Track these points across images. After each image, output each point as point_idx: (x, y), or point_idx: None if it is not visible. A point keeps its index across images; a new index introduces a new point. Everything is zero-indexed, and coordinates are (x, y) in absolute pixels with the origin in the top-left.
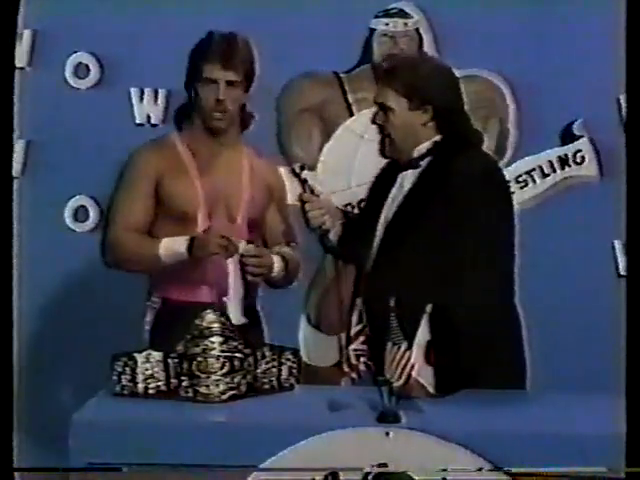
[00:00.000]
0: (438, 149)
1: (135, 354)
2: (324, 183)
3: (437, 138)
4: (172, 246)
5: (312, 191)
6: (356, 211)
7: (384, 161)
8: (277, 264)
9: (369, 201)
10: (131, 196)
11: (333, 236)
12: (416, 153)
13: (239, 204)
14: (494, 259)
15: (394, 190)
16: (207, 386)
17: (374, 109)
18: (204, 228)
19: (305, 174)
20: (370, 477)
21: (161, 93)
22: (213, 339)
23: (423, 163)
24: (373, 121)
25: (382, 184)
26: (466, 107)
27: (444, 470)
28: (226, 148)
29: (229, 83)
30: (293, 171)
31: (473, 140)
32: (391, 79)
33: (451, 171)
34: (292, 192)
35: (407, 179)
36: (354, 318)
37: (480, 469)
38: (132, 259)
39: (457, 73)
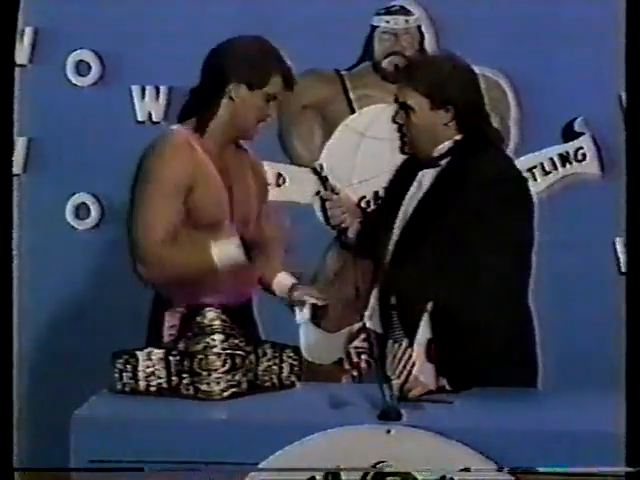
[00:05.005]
0: (458, 148)
1: (136, 351)
2: None
3: (458, 137)
4: (225, 252)
5: (332, 189)
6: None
7: (386, 158)
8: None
9: (387, 198)
10: (165, 205)
11: (351, 233)
12: (436, 152)
13: (251, 207)
14: (509, 260)
15: (412, 188)
16: (208, 384)
17: (376, 106)
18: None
19: (325, 172)
20: (369, 477)
21: (162, 90)
22: (214, 337)
23: (442, 162)
24: (393, 120)
25: (400, 182)
26: None
27: (445, 470)
28: (234, 152)
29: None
30: (314, 170)
31: (493, 139)
32: (412, 78)
33: (469, 172)
34: (309, 190)
35: (426, 178)
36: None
37: (481, 468)
38: (180, 273)
39: None
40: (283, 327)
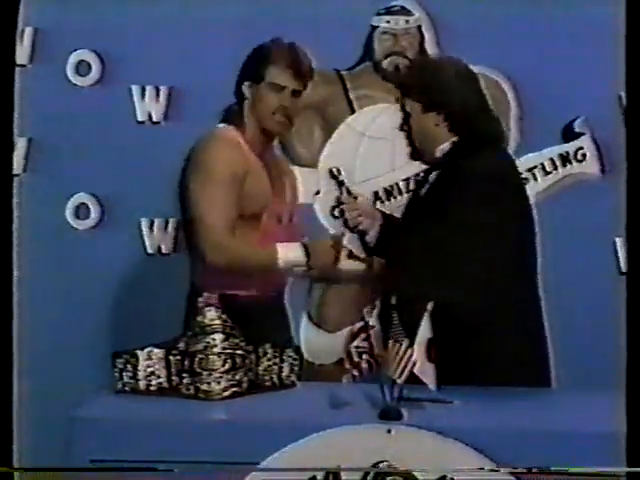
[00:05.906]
0: (455, 149)
1: (137, 351)
2: (326, 181)
3: (454, 138)
4: (289, 255)
5: (349, 193)
6: None
7: (386, 158)
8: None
9: (407, 201)
10: (227, 195)
11: (370, 237)
12: (438, 153)
13: (285, 204)
14: (508, 258)
15: (423, 189)
16: (208, 383)
17: (376, 106)
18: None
19: (343, 176)
20: (369, 477)
21: (162, 90)
22: (215, 336)
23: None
24: (401, 128)
25: (416, 183)
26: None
27: (445, 469)
28: (268, 149)
29: (295, 92)
30: (331, 173)
31: (492, 137)
32: (404, 85)
33: (464, 172)
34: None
35: (432, 178)
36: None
37: (482, 467)
38: (246, 265)
39: None
40: None
